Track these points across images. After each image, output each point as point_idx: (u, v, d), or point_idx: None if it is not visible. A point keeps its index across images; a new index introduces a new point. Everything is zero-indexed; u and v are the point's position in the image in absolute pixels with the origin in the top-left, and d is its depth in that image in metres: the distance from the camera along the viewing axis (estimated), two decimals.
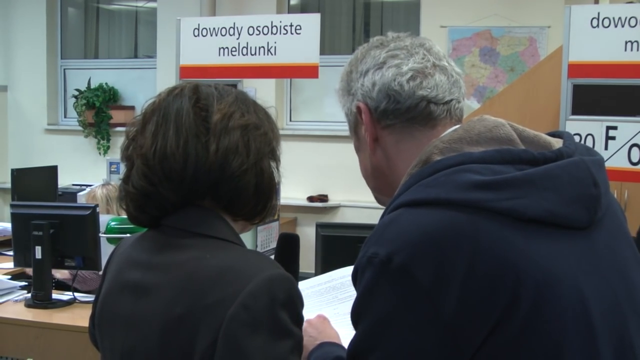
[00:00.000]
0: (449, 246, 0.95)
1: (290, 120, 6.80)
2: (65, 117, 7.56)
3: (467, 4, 5.96)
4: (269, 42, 4.00)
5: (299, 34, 3.93)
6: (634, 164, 3.31)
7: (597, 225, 1.04)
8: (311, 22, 3.94)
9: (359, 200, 6.26)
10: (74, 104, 7.19)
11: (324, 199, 6.48)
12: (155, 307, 1.13)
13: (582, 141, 3.33)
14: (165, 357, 1.10)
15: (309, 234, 6.06)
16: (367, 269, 0.99)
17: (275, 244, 4.16)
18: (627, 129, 3.34)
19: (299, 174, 6.15)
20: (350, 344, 1.04)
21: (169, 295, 1.12)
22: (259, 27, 4.01)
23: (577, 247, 1.01)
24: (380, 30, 6.67)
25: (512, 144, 1.05)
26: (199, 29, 4.13)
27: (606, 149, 3.33)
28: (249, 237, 3.94)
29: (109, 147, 7.12)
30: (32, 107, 7.43)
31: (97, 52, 7.59)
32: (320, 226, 2.61)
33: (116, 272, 1.24)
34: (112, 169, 5.14)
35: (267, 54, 4.00)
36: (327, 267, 2.54)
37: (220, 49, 4.08)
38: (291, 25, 3.96)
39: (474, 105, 5.82)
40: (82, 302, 2.91)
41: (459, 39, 6.00)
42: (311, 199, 6.47)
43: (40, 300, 2.85)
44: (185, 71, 4.16)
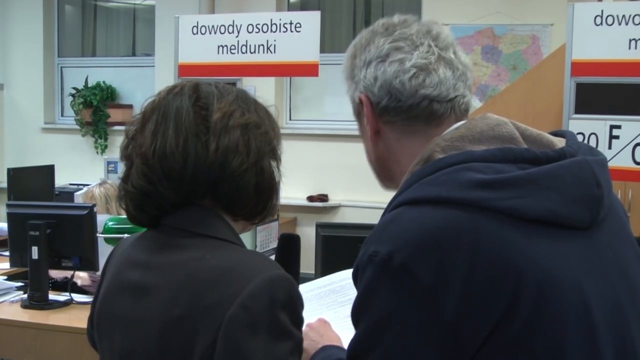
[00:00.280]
0: (450, 245, 0.94)
1: (290, 119, 6.79)
2: (62, 115, 7.55)
3: (469, 1, 5.94)
4: (268, 40, 3.99)
5: (299, 31, 3.92)
6: (638, 164, 3.30)
7: (599, 225, 1.03)
8: (311, 20, 3.93)
9: (359, 200, 6.26)
10: (71, 102, 7.18)
11: (324, 198, 6.47)
12: (154, 307, 1.12)
13: (586, 140, 3.31)
14: (164, 358, 1.10)
15: (308, 234, 6.04)
16: (368, 267, 0.99)
17: (274, 244, 4.16)
18: (631, 128, 3.33)
19: (298, 173, 6.14)
20: (350, 343, 1.03)
21: (168, 295, 1.11)
22: (259, 24, 4.00)
23: (579, 247, 1.01)
24: None
25: (514, 142, 1.04)
26: (197, 27, 4.12)
27: (610, 148, 3.31)
28: (249, 237, 3.93)
29: (106, 146, 7.11)
30: (29, 105, 7.41)
31: (94, 50, 7.57)
32: (320, 226, 2.59)
33: (115, 272, 1.24)
34: (109, 168, 5.12)
35: (267, 52, 3.99)
36: (327, 267, 2.52)
37: (219, 47, 4.07)
38: (291, 23, 3.95)
39: (475, 104, 5.81)
40: (79, 303, 2.91)
41: (461, 37, 5.98)
42: (311, 199, 6.46)
43: (36, 301, 2.84)
44: (183, 69, 4.14)
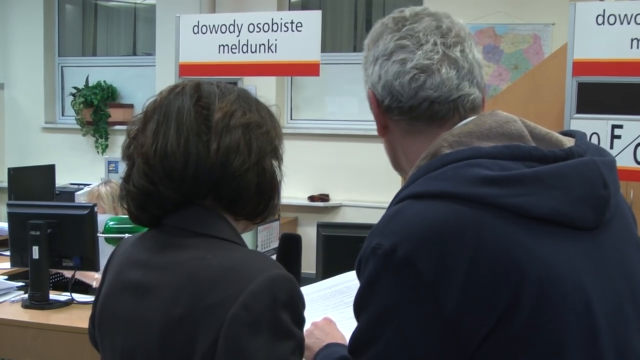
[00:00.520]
0: (453, 240, 0.95)
1: (291, 118, 6.78)
2: (62, 115, 7.54)
3: (470, 1, 5.93)
4: (269, 40, 3.98)
5: (300, 31, 3.92)
6: (639, 163, 3.28)
7: (605, 226, 1.03)
8: (312, 19, 3.92)
9: (360, 199, 6.25)
10: (72, 102, 7.17)
11: (325, 198, 6.47)
12: (155, 307, 1.12)
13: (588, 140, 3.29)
14: (165, 358, 1.10)
15: (310, 234, 6.03)
16: (371, 259, 0.99)
17: (275, 244, 4.16)
18: (633, 127, 3.32)
19: (299, 173, 6.13)
20: (351, 336, 1.03)
21: (169, 295, 1.11)
22: (260, 24, 4.00)
23: (583, 247, 1.00)
24: None
25: (522, 140, 1.04)
26: (198, 26, 4.11)
27: (611, 147, 3.30)
28: (250, 237, 3.92)
29: (107, 146, 7.10)
30: (30, 105, 7.41)
31: (95, 50, 7.57)
32: (321, 226, 2.60)
33: (117, 272, 1.24)
34: (110, 168, 5.12)
35: (268, 52, 3.98)
36: (328, 267, 2.52)
37: (220, 46, 4.06)
38: (292, 22, 3.94)
39: None
40: (79, 303, 2.91)
41: None
42: (312, 199, 6.45)
43: (37, 301, 2.84)
44: (184, 69, 4.13)
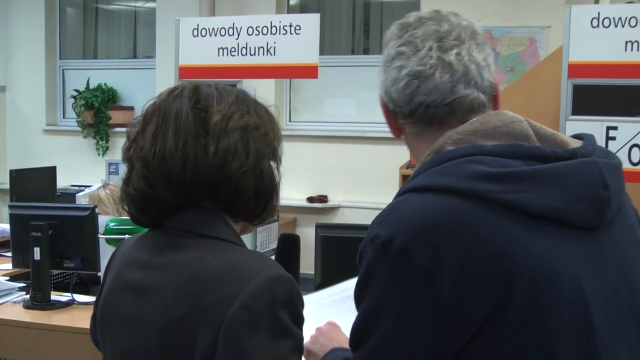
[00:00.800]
0: (449, 232, 0.97)
1: (289, 120, 6.79)
2: (64, 117, 7.55)
3: (466, 3, 5.93)
4: (268, 42, 4.00)
5: (299, 34, 3.93)
6: (634, 165, 3.31)
7: (607, 227, 1.04)
8: (311, 22, 3.94)
9: (359, 201, 6.26)
10: (73, 104, 7.18)
11: (323, 199, 6.48)
12: (155, 307, 1.13)
13: None
14: (165, 358, 1.11)
15: (308, 235, 6.03)
16: (369, 249, 1.01)
17: (274, 245, 4.16)
18: (628, 129, 3.34)
19: (298, 174, 6.14)
20: (352, 328, 1.05)
21: (169, 295, 1.12)
22: (259, 27, 4.01)
23: (582, 246, 1.01)
24: (380, 30, 6.65)
25: (527, 140, 1.06)
26: (198, 29, 4.13)
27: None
28: (249, 237, 3.93)
29: (107, 148, 7.11)
30: (31, 107, 7.42)
31: (95, 53, 7.58)
32: (319, 227, 2.60)
33: (117, 272, 1.24)
34: (111, 170, 5.13)
35: (267, 54, 4.00)
36: (327, 267, 2.54)
37: (219, 49, 4.08)
38: (290, 25, 3.96)
39: None
40: (80, 304, 2.90)
41: None
42: (311, 200, 6.46)
43: (38, 301, 2.84)
44: (184, 71, 4.15)
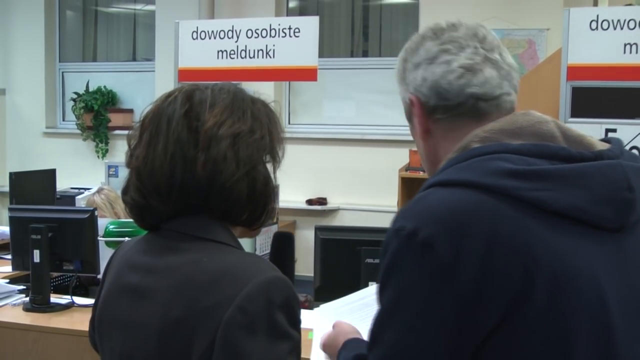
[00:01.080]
0: (472, 226, 0.97)
1: (289, 123, 6.79)
2: (63, 120, 7.56)
3: (465, 6, 5.96)
4: (267, 45, 4.00)
5: (298, 36, 3.94)
6: None
7: (630, 230, 1.04)
8: (310, 25, 3.94)
9: (358, 203, 6.27)
10: (73, 107, 7.19)
11: (323, 202, 6.48)
12: (153, 310, 1.13)
13: None
14: None
15: (308, 237, 6.06)
16: (393, 241, 1.02)
17: None
18: (627, 131, 3.35)
19: (297, 177, 6.14)
20: (374, 318, 1.06)
21: (166, 298, 1.12)
22: (258, 29, 4.01)
23: (603, 247, 1.01)
24: (379, 32, 6.67)
25: (553, 140, 1.06)
26: (197, 32, 4.14)
27: None
28: (248, 240, 3.94)
29: (107, 150, 7.12)
30: (31, 110, 7.43)
31: (95, 55, 7.59)
32: (319, 229, 2.59)
33: (116, 275, 1.25)
34: (110, 172, 5.13)
35: (266, 57, 4.00)
36: (326, 270, 2.54)
37: (218, 51, 4.09)
38: (290, 28, 3.96)
39: None
40: (80, 306, 2.91)
41: None
42: (310, 202, 6.47)
43: (38, 304, 2.84)
44: (183, 74, 4.16)
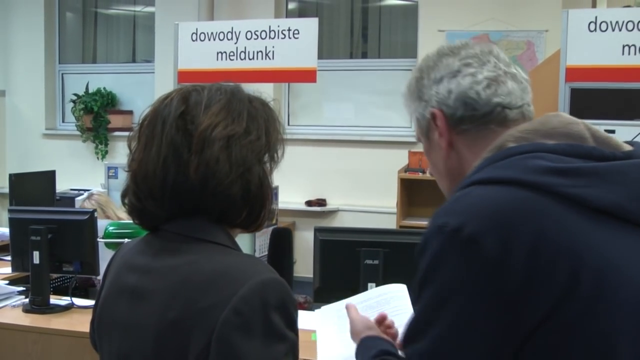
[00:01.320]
0: (518, 222, 0.98)
1: (288, 124, 6.79)
2: (63, 121, 7.56)
3: (464, 8, 5.97)
4: (267, 47, 4.01)
5: (297, 38, 3.95)
6: None
7: None
8: (309, 27, 3.95)
9: (358, 204, 6.28)
10: (72, 108, 7.19)
11: (322, 203, 6.49)
12: (150, 311, 1.13)
13: None
14: None
15: (307, 238, 6.06)
16: (436, 237, 1.01)
17: None
18: (625, 132, 3.36)
19: (297, 178, 6.14)
20: (415, 313, 1.06)
21: (163, 299, 1.12)
22: (257, 31, 4.02)
23: None
24: (378, 34, 6.67)
25: (583, 141, 1.08)
26: (197, 34, 4.15)
27: None
28: (247, 241, 3.94)
29: (107, 152, 7.12)
30: (30, 111, 7.43)
31: (95, 57, 7.59)
32: (318, 230, 2.58)
33: (115, 276, 1.25)
34: (110, 174, 5.14)
35: (265, 59, 4.01)
36: (326, 271, 2.54)
37: (218, 53, 4.09)
38: (289, 29, 3.97)
39: None
40: (80, 307, 2.91)
41: None
42: (309, 204, 6.47)
43: (38, 305, 2.84)
44: (183, 76, 4.16)
